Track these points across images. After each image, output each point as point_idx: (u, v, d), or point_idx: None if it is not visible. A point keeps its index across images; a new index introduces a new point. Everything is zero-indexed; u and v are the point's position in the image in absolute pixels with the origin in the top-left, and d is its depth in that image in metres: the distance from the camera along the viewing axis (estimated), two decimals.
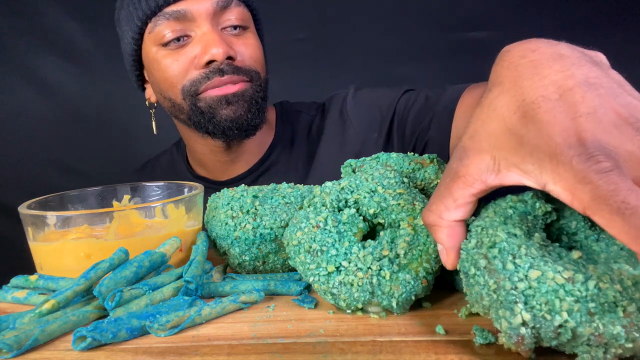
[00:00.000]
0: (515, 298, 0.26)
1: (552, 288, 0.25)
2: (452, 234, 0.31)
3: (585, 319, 0.24)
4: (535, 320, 0.25)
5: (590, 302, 0.25)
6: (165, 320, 0.33)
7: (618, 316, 0.24)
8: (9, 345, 0.31)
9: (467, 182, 0.29)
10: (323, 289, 0.35)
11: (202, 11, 0.63)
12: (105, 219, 0.46)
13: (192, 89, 0.65)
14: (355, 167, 0.46)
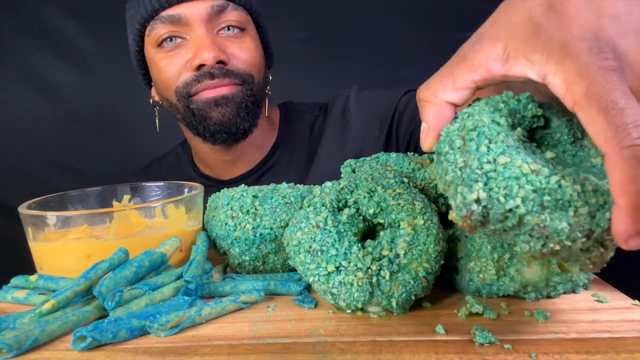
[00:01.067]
0: (478, 177, 0.26)
1: (515, 175, 0.26)
2: (439, 114, 0.31)
3: (536, 209, 0.25)
4: (489, 200, 0.26)
5: (546, 196, 0.25)
6: (165, 320, 0.33)
7: (568, 215, 0.25)
8: (9, 345, 0.31)
9: (471, 66, 0.29)
10: (323, 289, 0.35)
11: (196, 16, 0.64)
12: (105, 219, 0.46)
13: (185, 90, 0.67)
14: (355, 167, 0.46)
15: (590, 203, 0.25)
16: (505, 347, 0.30)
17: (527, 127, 0.31)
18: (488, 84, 0.30)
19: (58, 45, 1.28)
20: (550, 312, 0.35)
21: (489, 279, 0.37)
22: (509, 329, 0.32)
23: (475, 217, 0.26)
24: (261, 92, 0.73)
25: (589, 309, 0.35)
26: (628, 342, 0.30)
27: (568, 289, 0.38)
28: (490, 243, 0.38)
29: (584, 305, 0.36)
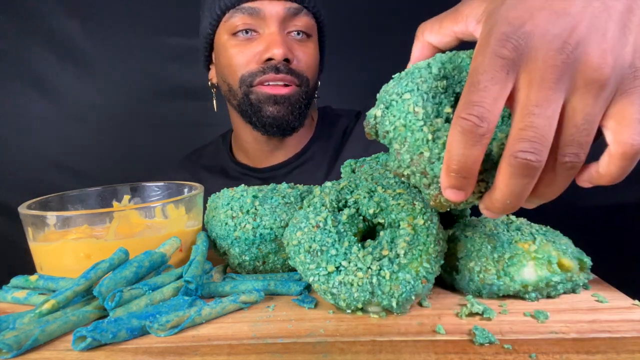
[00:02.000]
0: (385, 101, 0.33)
1: (403, 109, 0.32)
2: (421, 51, 0.36)
3: (400, 139, 0.32)
4: (380, 119, 0.34)
5: (409, 132, 0.32)
6: (165, 320, 0.33)
7: (414, 153, 0.32)
8: (9, 345, 0.31)
9: (456, 18, 0.33)
10: (323, 289, 0.35)
11: (273, 13, 0.70)
12: (105, 219, 0.46)
13: (249, 79, 0.72)
14: (355, 167, 0.46)
15: (433, 152, 0.31)
16: (505, 347, 0.30)
17: (459, 90, 0.34)
18: (467, 38, 0.33)
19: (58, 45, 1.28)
20: (550, 312, 0.35)
21: (489, 279, 0.37)
22: (509, 329, 0.32)
23: (370, 127, 0.35)
24: (312, 95, 0.79)
25: (589, 309, 0.35)
26: (628, 342, 0.30)
27: (568, 289, 0.38)
28: (490, 243, 0.38)
29: (584, 305, 0.36)
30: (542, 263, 0.37)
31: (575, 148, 0.27)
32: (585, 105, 0.27)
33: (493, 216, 0.31)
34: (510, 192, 0.28)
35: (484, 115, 0.27)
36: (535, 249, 0.38)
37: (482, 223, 0.42)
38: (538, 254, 0.37)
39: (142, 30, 1.25)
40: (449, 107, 0.32)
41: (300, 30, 0.73)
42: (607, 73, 0.26)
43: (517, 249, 0.38)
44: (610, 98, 0.27)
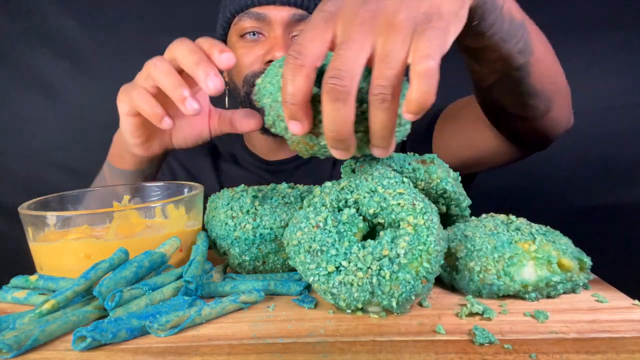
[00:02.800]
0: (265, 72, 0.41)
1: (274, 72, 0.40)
2: None
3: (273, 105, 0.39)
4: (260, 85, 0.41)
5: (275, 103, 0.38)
6: (165, 320, 0.33)
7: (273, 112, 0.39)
8: (9, 345, 0.31)
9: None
10: (323, 289, 0.35)
11: (278, 18, 0.73)
12: (105, 219, 0.46)
13: (252, 79, 0.76)
14: (355, 167, 0.46)
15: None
16: (505, 347, 0.30)
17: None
18: None
19: (58, 45, 1.28)
20: (550, 312, 0.35)
21: (489, 279, 0.37)
22: (509, 329, 0.32)
23: (255, 95, 0.42)
24: None
25: (589, 309, 0.35)
26: (628, 342, 0.30)
27: (568, 289, 0.38)
28: (490, 243, 0.38)
29: (584, 305, 0.36)
30: (542, 263, 0.37)
31: (383, 81, 0.33)
32: (386, 44, 0.33)
33: (337, 155, 0.37)
34: (331, 118, 0.34)
35: (302, 51, 0.34)
36: (535, 248, 0.38)
37: (482, 223, 0.42)
38: (538, 253, 0.37)
39: (142, 30, 1.25)
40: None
41: None
42: (402, 17, 0.33)
43: (517, 248, 0.38)
44: (409, 39, 0.33)
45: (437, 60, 0.32)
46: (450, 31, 0.34)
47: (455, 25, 0.35)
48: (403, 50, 0.33)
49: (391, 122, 0.34)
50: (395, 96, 0.33)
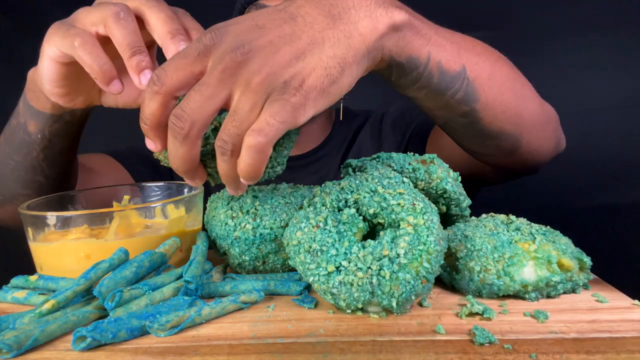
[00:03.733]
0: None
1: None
2: None
3: None
4: None
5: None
6: (165, 320, 0.33)
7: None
8: (9, 345, 0.31)
9: None
10: (323, 289, 0.35)
11: None
12: (105, 219, 0.46)
13: None
14: (355, 167, 0.46)
15: None
16: (505, 347, 0.30)
17: None
18: None
19: None
20: (550, 312, 0.35)
21: (489, 279, 0.37)
22: (509, 329, 0.32)
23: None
24: None
25: (589, 309, 0.35)
26: (628, 342, 0.30)
27: (568, 289, 0.38)
28: (490, 243, 0.38)
29: (584, 305, 0.36)
30: (541, 263, 0.37)
31: (224, 135, 0.33)
32: (239, 101, 0.32)
33: (188, 182, 0.38)
34: (170, 152, 0.34)
35: (163, 78, 0.33)
36: (535, 248, 0.38)
37: (482, 223, 0.42)
38: (538, 253, 0.37)
39: None
40: None
41: None
42: (259, 80, 0.32)
43: (517, 248, 0.38)
44: (261, 104, 0.32)
45: (270, 136, 0.32)
46: (307, 107, 0.33)
47: (316, 102, 0.34)
48: (251, 113, 0.32)
49: (232, 172, 0.34)
50: (235, 152, 0.33)
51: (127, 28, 0.39)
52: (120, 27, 0.39)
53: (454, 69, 0.43)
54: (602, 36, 1.15)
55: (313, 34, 0.34)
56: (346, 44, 0.34)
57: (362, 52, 0.35)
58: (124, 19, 0.40)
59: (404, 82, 0.43)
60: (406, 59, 0.40)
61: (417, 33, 0.40)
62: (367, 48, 0.36)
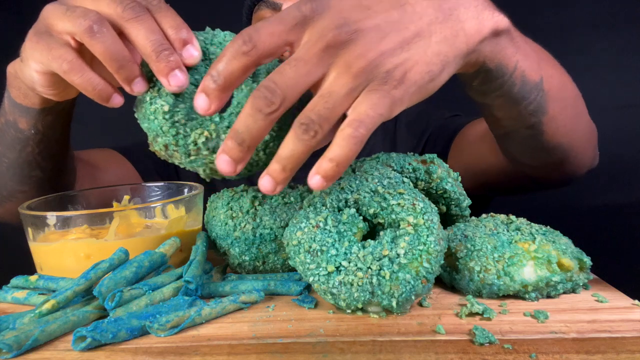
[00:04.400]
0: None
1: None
2: None
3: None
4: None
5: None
6: (165, 320, 0.33)
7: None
8: (9, 345, 0.31)
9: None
10: (323, 289, 0.35)
11: None
12: (105, 219, 0.46)
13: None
14: (355, 167, 0.46)
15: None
16: (505, 347, 0.30)
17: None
18: None
19: None
20: (550, 312, 0.35)
21: (489, 279, 0.37)
22: (509, 329, 0.32)
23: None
24: None
25: (589, 309, 0.35)
26: (628, 342, 0.30)
27: (568, 289, 0.38)
28: (490, 243, 0.38)
29: (584, 305, 0.36)
30: (541, 263, 0.37)
31: (313, 114, 0.30)
32: (335, 83, 0.30)
33: (222, 164, 0.33)
34: (245, 123, 0.31)
35: (255, 40, 0.31)
36: (535, 248, 0.38)
37: (482, 223, 0.42)
38: (538, 253, 0.37)
39: None
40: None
41: None
42: (362, 65, 0.30)
43: (517, 248, 0.38)
44: (360, 90, 0.31)
45: (369, 129, 0.30)
46: (404, 102, 0.32)
47: (412, 98, 0.32)
48: (347, 98, 0.31)
49: (302, 156, 0.31)
50: (318, 134, 0.31)
51: (104, 42, 0.36)
52: (98, 42, 0.36)
53: (534, 79, 0.43)
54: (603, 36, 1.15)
55: (421, 26, 0.32)
56: (451, 42, 0.33)
57: (462, 53, 0.34)
58: (99, 33, 0.36)
59: (486, 89, 0.42)
60: (495, 66, 0.39)
61: (511, 40, 0.39)
62: (468, 50, 0.34)
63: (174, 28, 0.37)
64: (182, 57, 0.37)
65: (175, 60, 0.36)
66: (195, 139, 0.37)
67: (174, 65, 0.36)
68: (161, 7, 0.37)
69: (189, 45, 0.37)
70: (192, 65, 0.37)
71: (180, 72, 0.36)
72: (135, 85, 0.37)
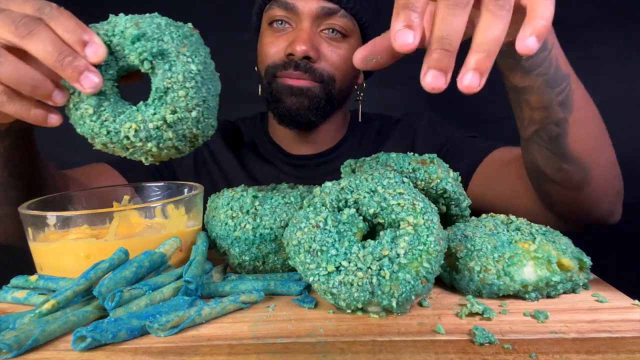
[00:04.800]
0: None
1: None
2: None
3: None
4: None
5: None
6: (165, 320, 0.33)
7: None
8: (9, 345, 0.31)
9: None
10: (323, 289, 0.35)
11: (306, 10, 0.72)
12: (105, 219, 0.46)
13: (272, 70, 0.75)
14: (355, 167, 0.46)
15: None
16: (505, 347, 0.30)
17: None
18: None
19: None
20: (550, 312, 0.35)
21: (489, 279, 0.37)
22: (509, 329, 0.32)
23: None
24: (342, 95, 0.79)
25: (589, 309, 0.35)
26: (628, 342, 0.30)
27: (568, 289, 0.38)
28: (490, 243, 0.38)
29: (584, 305, 0.36)
30: (541, 262, 0.37)
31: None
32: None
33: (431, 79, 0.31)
34: (450, 25, 0.31)
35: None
36: (535, 248, 0.38)
37: (482, 223, 0.42)
38: (538, 253, 0.37)
39: None
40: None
41: (336, 29, 0.74)
42: None
43: (517, 248, 0.38)
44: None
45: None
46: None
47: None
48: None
49: (502, 36, 0.31)
50: (511, 10, 0.31)
51: (7, 70, 0.35)
52: (2, 73, 0.35)
53: (565, 70, 0.47)
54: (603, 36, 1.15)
55: None
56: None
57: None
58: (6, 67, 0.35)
59: (532, 63, 0.44)
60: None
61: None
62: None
63: (70, 32, 0.37)
64: (87, 58, 0.37)
65: (80, 63, 0.36)
66: (125, 133, 0.39)
67: (80, 69, 0.36)
68: (53, 13, 0.37)
69: (89, 44, 0.37)
70: (99, 62, 0.37)
71: (90, 73, 0.36)
72: (55, 98, 0.37)
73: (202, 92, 0.40)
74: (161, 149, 0.40)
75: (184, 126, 0.40)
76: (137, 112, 0.39)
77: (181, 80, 0.39)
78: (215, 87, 0.42)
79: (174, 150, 0.41)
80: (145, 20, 0.40)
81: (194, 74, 0.39)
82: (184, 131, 0.40)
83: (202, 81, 0.40)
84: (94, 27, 0.40)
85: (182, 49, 0.39)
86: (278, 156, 0.85)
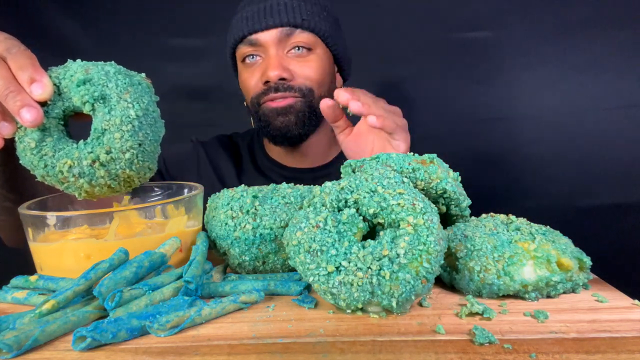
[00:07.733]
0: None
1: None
2: None
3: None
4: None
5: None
6: (165, 320, 0.33)
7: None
8: (9, 346, 0.31)
9: None
10: (323, 289, 0.35)
11: (268, 39, 0.79)
12: (105, 219, 0.46)
13: (256, 100, 0.82)
14: (355, 167, 0.46)
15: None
16: (505, 347, 0.30)
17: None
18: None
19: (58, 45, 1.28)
20: (550, 312, 0.35)
21: (489, 279, 0.37)
22: (509, 329, 0.32)
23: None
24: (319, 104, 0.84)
25: (589, 309, 0.35)
26: (628, 342, 0.30)
27: (568, 289, 0.38)
28: (490, 242, 0.38)
29: (584, 305, 0.36)
30: (541, 262, 0.37)
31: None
32: None
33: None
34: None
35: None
36: (534, 248, 0.38)
37: (482, 223, 0.42)
38: (537, 253, 0.37)
39: (143, 30, 1.25)
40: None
41: (300, 46, 0.81)
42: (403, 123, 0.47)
43: (517, 248, 0.38)
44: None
45: None
46: None
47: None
48: None
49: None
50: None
51: None
52: None
53: None
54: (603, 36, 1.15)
55: None
56: None
57: None
58: None
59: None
60: None
61: None
62: None
63: (21, 69, 0.41)
64: (32, 95, 0.41)
65: (22, 98, 0.40)
66: (60, 168, 0.42)
67: (21, 104, 0.40)
68: (15, 53, 0.42)
69: (34, 83, 0.41)
70: (42, 100, 0.41)
71: (30, 108, 0.40)
72: (3, 131, 0.41)
73: (139, 136, 0.43)
74: (93, 186, 0.43)
75: (117, 166, 0.43)
76: (76, 149, 0.43)
77: (118, 123, 0.42)
78: (155, 133, 0.45)
79: (106, 188, 0.44)
80: (97, 67, 0.43)
81: (132, 118, 0.43)
82: (116, 171, 0.43)
83: (140, 126, 0.43)
84: (50, 69, 0.44)
85: (124, 95, 0.43)
86: (275, 170, 0.91)
